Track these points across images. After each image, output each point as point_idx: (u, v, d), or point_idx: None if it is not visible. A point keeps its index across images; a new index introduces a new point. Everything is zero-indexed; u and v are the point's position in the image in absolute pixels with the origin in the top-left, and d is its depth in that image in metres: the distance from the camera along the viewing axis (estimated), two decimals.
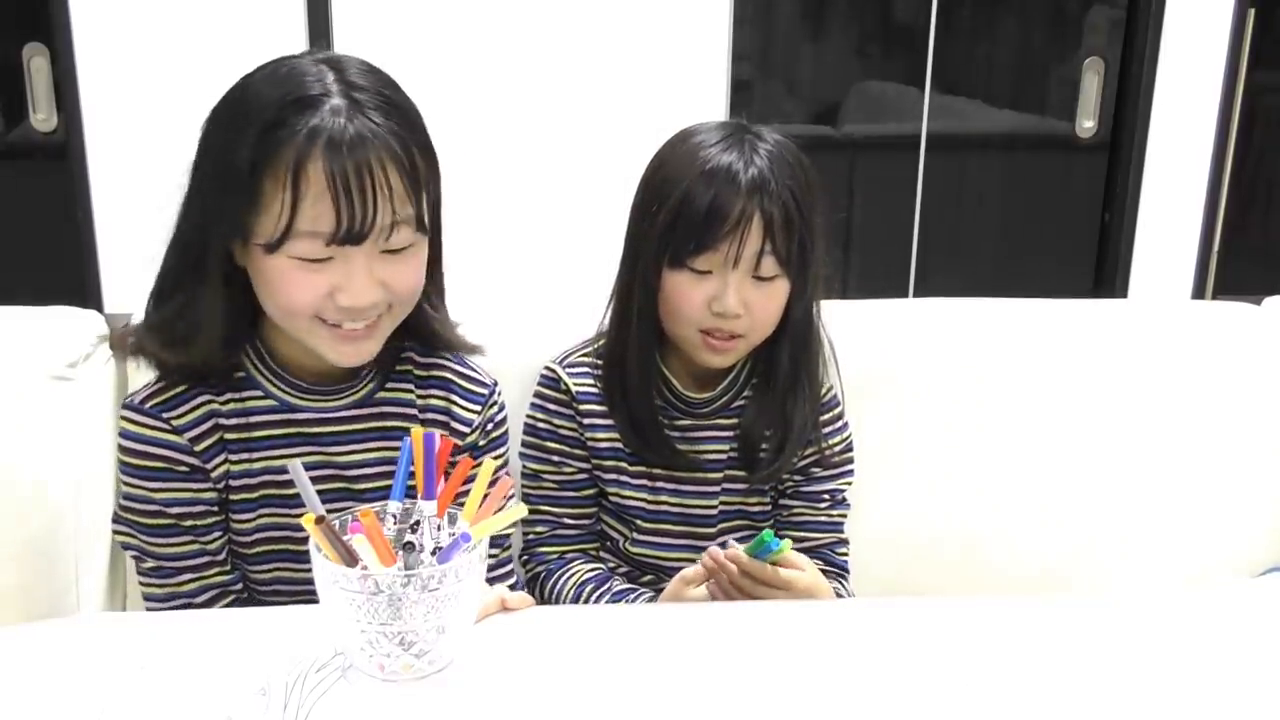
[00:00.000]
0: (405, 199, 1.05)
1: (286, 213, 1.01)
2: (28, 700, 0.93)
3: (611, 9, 2.55)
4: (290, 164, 1.01)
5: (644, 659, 1.00)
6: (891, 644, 1.03)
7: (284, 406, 1.16)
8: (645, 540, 1.36)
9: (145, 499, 1.14)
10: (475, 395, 1.24)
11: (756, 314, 1.25)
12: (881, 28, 2.84)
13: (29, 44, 2.51)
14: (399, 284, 1.08)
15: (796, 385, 1.32)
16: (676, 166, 1.26)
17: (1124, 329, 1.62)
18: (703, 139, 1.26)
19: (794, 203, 1.23)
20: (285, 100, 1.03)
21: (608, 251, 1.35)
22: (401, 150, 1.03)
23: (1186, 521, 1.57)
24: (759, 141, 1.26)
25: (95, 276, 2.52)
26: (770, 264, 1.24)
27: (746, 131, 1.27)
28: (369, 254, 1.05)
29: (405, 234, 1.06)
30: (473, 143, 2.51)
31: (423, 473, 1.00)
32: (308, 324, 1.08)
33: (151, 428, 1.14)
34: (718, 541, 1.21)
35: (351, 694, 0.93)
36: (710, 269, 1.24)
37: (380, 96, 1.05)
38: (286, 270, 1.05)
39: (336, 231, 1.02)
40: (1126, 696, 0.95)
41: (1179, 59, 2.73)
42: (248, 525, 1.18)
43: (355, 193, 1.01)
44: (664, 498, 1.35)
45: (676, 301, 1.26)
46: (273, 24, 2.43)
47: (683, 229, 1.23)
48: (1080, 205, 2.92)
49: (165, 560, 1.16)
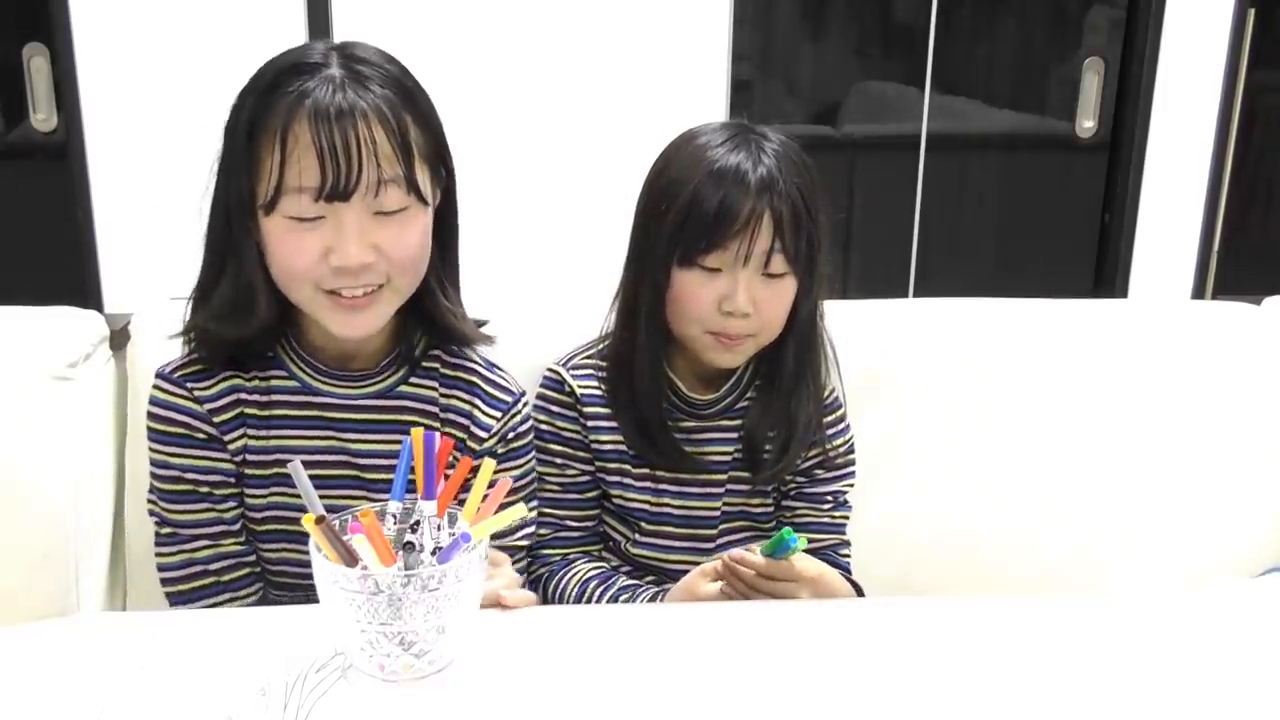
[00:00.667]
0: (393, 159, 1.07)
1: (276, 170, 1.05)
2: (28, 700, 0.93)
3: (611, 9, 2.55)
4: (280, 123, 1.05)
5: (644, 659, 1.01)
6: (891, 644, 1.03)
7: (305, 389, 1.18)
8: (647, 542, 1.36)
9: (164, 464, 1.18)
10: (499, 402, 1.24)
11: (765, 312, 1.26)
12: (881, 28, 2.84)
13: (29, 44, 2.50)
14: (392, 249, 1.09)
15: (800, 385, 1.32)
16: (683, 168, 1.26)
17: (1124, 329, 1.62)
18: (708, 140, 1.27)
19: (802, 201, 1.24)
20: (284, 67, 1.08)
21: (607, 251, 1.34)
22: (392, 115, 1.06)
23: (1186, 521, 1.57)
24: (764, 141, 1.26)
25: (95, 276, 2.52)
26: (780, 261, 1.24)
27: (751, 132, 1.27)
28: (359, 214, 1.07)
29: (395, 195, 1.07)
30: (472, 142, 2.49)
31: (423, 473, 1.00)
32: (310, 293, 1.11)
33: (175, 395, 1.18)
34: (746, 548, 1.22)
35: (351, 694, 0.93)
36: (720, 266, 1.24)
37: (382, 71, 1.09)
38: (283, 233, 1.08)
39: (323, 186, 1.04)
40: (1126, 696, 0.95)
41: (1179, 59, 2.72)
42: (260, 502, 1.20)
43: (340, 148, 1.04)
44: (667, 499, 1.35)
45: (686, 301, 1.26)
46: (273, 24, 2.43)
47: (692, 229, 1.23)
48: (1080, 205, 2.92)
49: (181, 527, 1.19)
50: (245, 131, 1.07)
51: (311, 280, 1.09)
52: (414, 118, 1.09)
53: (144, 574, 1.47)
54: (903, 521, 1.54)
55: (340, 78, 1.06)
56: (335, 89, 1.05)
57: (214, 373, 1.18)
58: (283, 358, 1.19)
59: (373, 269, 1.09)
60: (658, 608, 1.26)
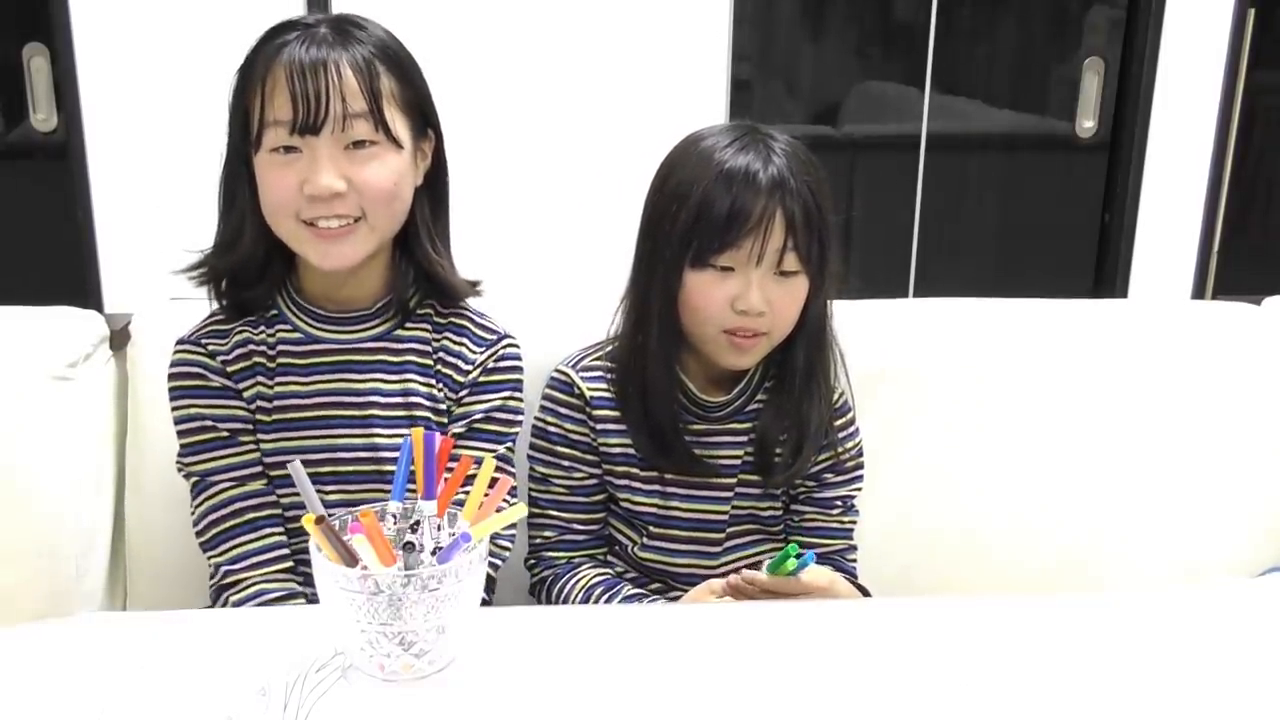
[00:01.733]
0: (358, 95, 1.18)
1: (258, 108, 1.18)
2: (27, 700, 0.93)
3: (611, 9, 2.55)
4: (265, 67, 1.18)
5: (644, 659, 1.00)
6: (891, 643, 1.03)
7: (308, 338, 1.28)
8: (654, 545, 1.36)
9: (185, 417, 1.28)
10: (483, 340, 1.32)
11: (778, 311, 1.26)
12: (881, 28, 2.84)
13: (29, 44, 2.51)
14: (363, 181, 1.19)
15: (811, 385, 1.32)
16: (691, 170, 1.25)
17: (1124, 329, 1.62)
18: (715, 141, 1.26)
19: (813, 200, 1.24)
20: (276, 28, 1.21)
21: (608, 250, 1.34)
22: (364, 63, 1.18)
23: (1186, 521, 1.57)
24: (772, 141, 1.27)
25: (95, 276, 2.52)
26: (792, 260, 1.24)
27: (757, 132, 1.28)
28: (331, 147, 1.18)
29: (362, 128, 1.18)
30: (470, 141, 2.50)
31: (423, 473, 1.00)
32: (292, 225, 1.21)
33: (190, 351, 1.29)
34: (750, 575, 1.22)
35: (351, 694, 0.93)
36: (733, 265, 1.24)
37: (371, 35, 1.21)
38: (267, 167, 1.19)
39: (295, 118, 1.16)
40: (1126, 695, 0.95)
41: (1179, 59, 2.72)
42: (270, 447, 1.27)
43: (311, 84, 1.16)
44: (675, 503, 1.35)
45: (699, 301, 1.26)
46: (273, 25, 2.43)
47: (705, 230, 1.23)
48: (1080, 205, 2.92)
49: (207, 475, 1.27)
50: (240, 82, 1.21)
51: (291, 211, 1.20)
52: (390, 70, 1.21)
53: (144, 574, 1.47)
54: (903, 521, 1.54)
55: (325, 34, 1.19)
56: (317, 40, 1.18)
57: (227, 331, 1.28)
58: (285, 312, 1.29)
59: (344, 200, 1.19)
60: (658, 608, 1.26)
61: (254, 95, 1.18)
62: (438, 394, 1.29)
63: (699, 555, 1.35)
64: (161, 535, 1.43)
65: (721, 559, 1.36)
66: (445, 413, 1.29)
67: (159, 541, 1.44)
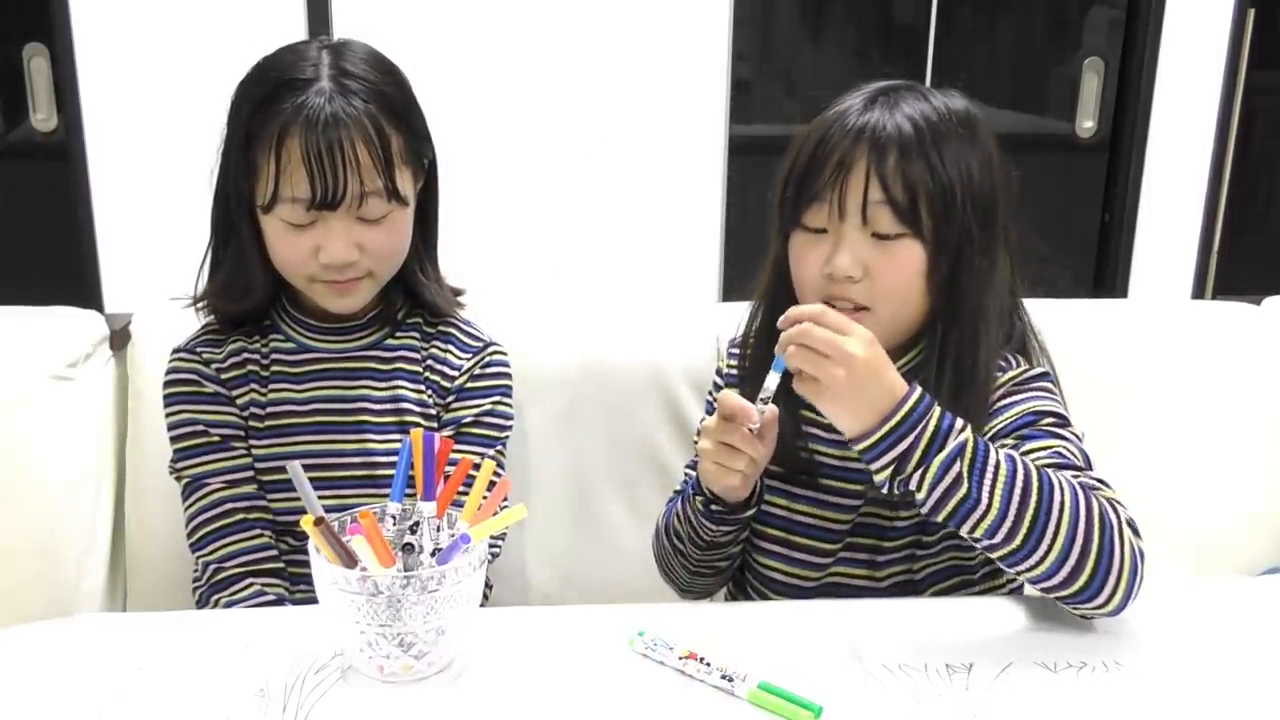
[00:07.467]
0: (374, 173, 1.19)
1: (272, 181, 1.18)
2: (27, 700, 0.93)
3: (612, 9, 2.55)
4: (275, 138, 1.17)
5: (644, 659, 1.00)
6: (892, 643, 1.03)
7: (301, 348, 1.32)
8: (770, 550, 1.24)
9: (178, 422, 1.30)
10: (469, 347, 1.35)
11: (879, 280, 1.10)
12: (881, 28, 2.84)
13: (29, 44, 2.51)
14: (374, 248, 1.23)
15: (965, 383, 1.12)
16: (809, 127, 1.14)
17: (1124, 329, 1.62)
18: (850, 104, 1.14)
19: (917, 149, 1.09)
20: (280, 81, 1.19)
21: (608, 249, 1.34)
22: (374, 130, 1.19)
23: (1187, 521, 1.57)
24: (901, 100, 1.12)
25: (95, 276, 2.52)
26: (886, 217, 1.09)
27: (898, 90, 1.14)
28: (345, 220, 1.21)
29: (376, 204, 1.21)
30: (470, 141, 2.51)
31: (422, 473, 1.00)
32: (304, 281, 1.25)
33: (185, 360, 1.31)
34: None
35: (351, 695, 0.93)
36: (821, 225, 1.11)
37: (367, 83, 1.20)
38: (279, 231, 1.22)
39: (313, 199, 1.18)
40: (1127, 695, 0.95)
41: (1179, 59, 2.72)
42: (263, 453, 1.29)
43: (328, 166, 1.17)
44: (800, 506, 1.23)
45: (796, 269, 1.14)
46: (273, 24, 2.43)
47: (793, 184, 1.12)
48: (1080, 205, 2.92)
49: (200, 477, 1.28)
50: (243, 139, 1.20)
51: (304, 273, 1.24)
52: (393, 123, 1.21)
53: (144, 574, 1.47)
54: None
55: (329, 91, 1.18)
56: (325, 103, 1.17)
57: (222, 341, 1.31)
58: (280, 323, 1.32)
59: (357, 265, 1.23)
60: (658, 608, 1.26)
61: (265, 160, 1.18)
62: (427, 400, 1.32)
63: (805, 565, 1.23)
64: (161, 535, 1.43)
65: (827, 572, 1.23)
66: (435, 418, 1.31)
67: (159, 541, 1.44)
